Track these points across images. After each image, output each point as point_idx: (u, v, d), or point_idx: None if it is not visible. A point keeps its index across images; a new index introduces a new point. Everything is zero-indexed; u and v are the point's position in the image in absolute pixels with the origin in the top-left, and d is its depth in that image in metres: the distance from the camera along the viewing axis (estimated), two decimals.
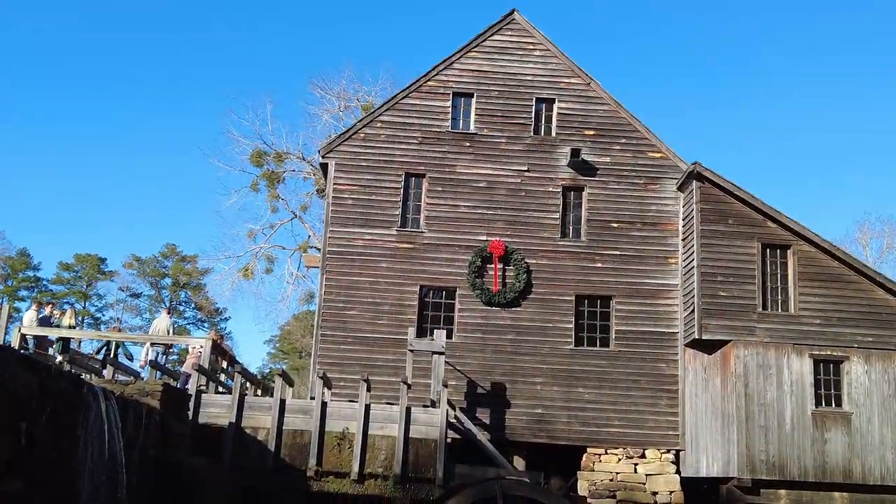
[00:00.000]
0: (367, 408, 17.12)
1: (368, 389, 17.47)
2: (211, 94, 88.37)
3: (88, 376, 15.53)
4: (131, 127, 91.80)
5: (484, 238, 21.96)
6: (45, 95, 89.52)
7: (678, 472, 20.76)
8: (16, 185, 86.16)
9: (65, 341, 19.19)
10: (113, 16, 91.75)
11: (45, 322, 20.19)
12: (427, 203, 22.28)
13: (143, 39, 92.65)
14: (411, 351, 19.59)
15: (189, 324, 63.21)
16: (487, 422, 20.73)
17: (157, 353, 20.90)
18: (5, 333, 18.35)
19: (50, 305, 23.17)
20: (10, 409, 8.70)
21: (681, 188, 22.19)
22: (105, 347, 20.17)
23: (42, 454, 9.43)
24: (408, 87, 23.06)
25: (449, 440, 17.57)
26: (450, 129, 22.76)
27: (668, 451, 20.92)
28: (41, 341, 19.07)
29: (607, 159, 22.66)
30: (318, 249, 32.55)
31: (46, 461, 9.55)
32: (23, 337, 18.25)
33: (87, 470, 10.40)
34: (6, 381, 8.55)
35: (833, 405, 19.76)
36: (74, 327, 21.63)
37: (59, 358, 17.63)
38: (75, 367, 16.31)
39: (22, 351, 16.10)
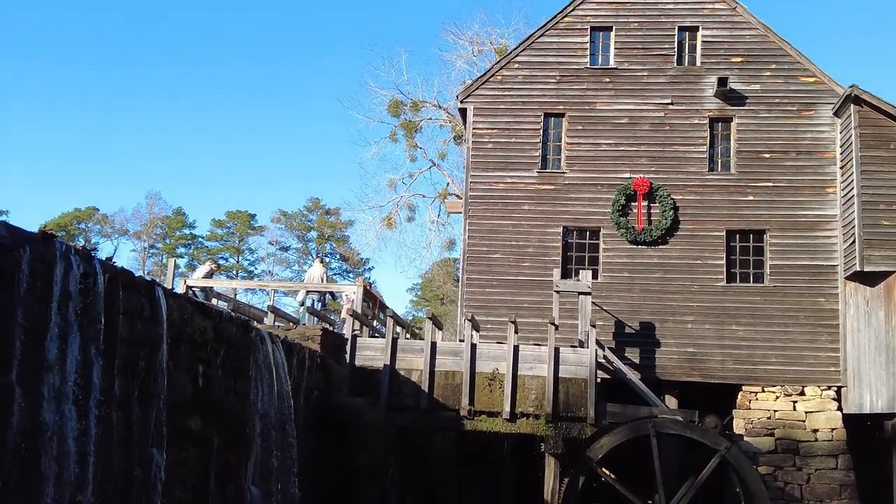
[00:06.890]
0: (516, 349, 17.30)
1: (516, 331, 17.61)
2: (348, 48, 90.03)
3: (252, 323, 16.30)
4: (275, 86, 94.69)
5: (627, 175, 21.50)
6: (192, 62, 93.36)
7: (840, 408, 20.00)
8: (170, 148, 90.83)
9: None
10: None
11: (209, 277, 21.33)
12: (567, 143, 21.97)
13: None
14: (557, 292, 19.55)
15: (335, 274, 65.28)
16: (637, 361, 20.52)
17: (314, 301, 21.72)
18: (172, 286, 19.51)
19: (215, 264, 24.34)
20: (188, 353, 9.27)
21: (837, 113, 20.97)
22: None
23: (217, 394, 10.02)
24: (543, 26, 22.63)
25: (598, 380, 17.54)
26: (588, 65, 22.23)
27: (829, 388, 20.16)
28: (207, 293, 20.10)
29: (756, 87, 21.63)
30: (458, 196, 32.81)
31: (221, 401, 10.14)
32: (188, 289, 19.31)
33: (259, 409, 10.98)
34: (185, 326, 9.10)
35: None
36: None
37: (226, 305, 18.57)
38: (239, 314, 17.12)
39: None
